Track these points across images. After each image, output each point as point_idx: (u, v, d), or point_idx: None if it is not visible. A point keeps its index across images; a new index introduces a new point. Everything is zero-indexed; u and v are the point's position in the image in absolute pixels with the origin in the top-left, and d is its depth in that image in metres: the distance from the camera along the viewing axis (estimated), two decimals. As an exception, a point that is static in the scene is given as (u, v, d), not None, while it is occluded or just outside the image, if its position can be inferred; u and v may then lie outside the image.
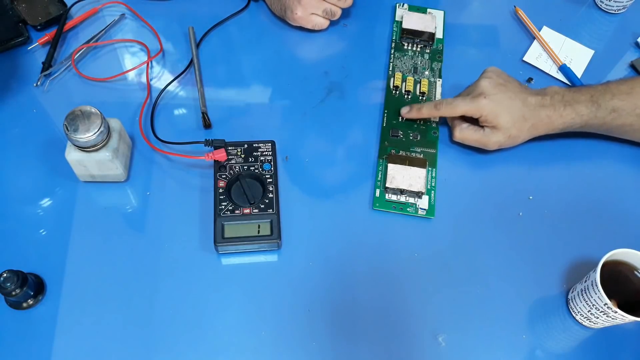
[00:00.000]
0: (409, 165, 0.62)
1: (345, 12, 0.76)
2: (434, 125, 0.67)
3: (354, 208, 0.62)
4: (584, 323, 0.56)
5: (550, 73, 0.73)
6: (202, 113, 0.66)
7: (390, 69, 0.72)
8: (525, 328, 0.57)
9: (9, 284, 0.51)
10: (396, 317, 0.57)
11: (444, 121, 0.68)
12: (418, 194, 0.62)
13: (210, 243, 0.57)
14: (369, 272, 0.59)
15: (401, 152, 0.65)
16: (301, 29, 0.73)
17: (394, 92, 0.70)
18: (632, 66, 0.74)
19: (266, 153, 0.62)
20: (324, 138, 0.67)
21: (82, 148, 0.56)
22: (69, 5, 0.73)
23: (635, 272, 0.54)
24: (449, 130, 0.67)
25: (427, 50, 0.74)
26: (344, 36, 0.75)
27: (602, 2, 0.79)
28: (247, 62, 0.73)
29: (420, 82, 0.70)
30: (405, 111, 0.66)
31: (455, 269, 0.59)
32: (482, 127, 0.62)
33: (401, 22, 0.74)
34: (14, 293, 0.52)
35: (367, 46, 0.75)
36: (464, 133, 0.63)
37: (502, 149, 0.64)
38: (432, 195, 0.63)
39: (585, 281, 0.54)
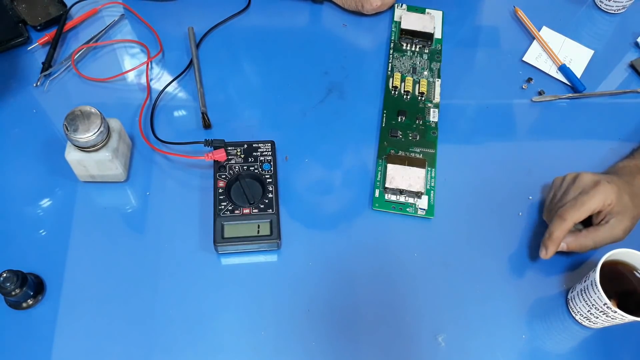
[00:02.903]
0: (408, 165, 0.62)
1: (345, 13, 0.76)
2: (433, 125, 0.67)
3: (353, 208, 0.62)
4: (583, 323, 0.56)
5: (549, 73, 0.73)
6: (202, 113, 0.66)
7: (389, 69, 0.72)
8: (525, 328, 0.57)
9: (8, 284, 0.51)
10: (396, 317, 0.57)
11: (444, 121, 0.68)
12: (417, 194, 0.62)
13: (210, 243, 0.57)
14: (368, 272, 0.59)
15: (400, 153, 0.65)
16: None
17: (393, 92, 0.70)
18: (632, 66, 0.74)
19: (266, 153, 0.62)
20: (324, 138, 0.67)
21: (82, 148, 0.56)
22: (69, 5, 0.74)
23: (635, 272, 0.54)
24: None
25: (426, 51, 0.74)
26: (343, 36, 0.75)
27: (602, 2, 0.79)
28: (247, 63, 0.73)
29: (419, 82, 0.70)
30: (544, 253, 0.57)
31: (455, 269, 0.59)
32: (600, 223, 0.56)
33: (400, 23, 0.74)
34: (13, 293, 0.52)
35: (366, 46, 0.75)
36: (595, 237, 0.56)
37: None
38: (432, 195, 0.63)
39: (585, 281, 0.54)
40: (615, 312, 0.50)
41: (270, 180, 0.60)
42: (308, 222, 0.61)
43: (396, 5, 0.77)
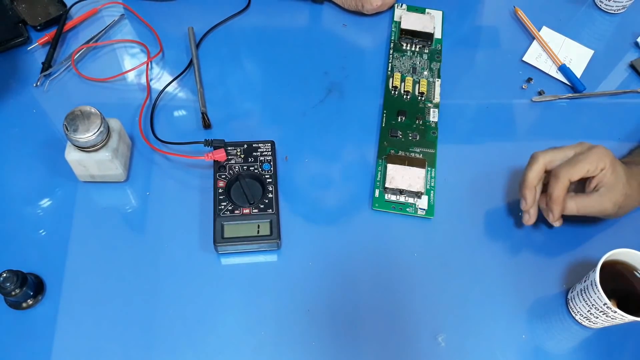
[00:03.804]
0: (408, 165, 0.62)
1: (345, 13, 0.76)
2: (433, 125, 0.67)
3: (353, 208, 0.62)
4: (583, 323, 0.56)
5: (549, 73, 0.73)
6: (202, 113, 0.66)
7: (389, 69, 0.72)
8: (525, 328, 0.57)
9: (8, 284, 0.51)
10: (396, 317, 0.57)
11: (444, 121, 0.68)
12: (417, 194, 0.62)
13: (210, 243, 0.57)
14: (368, 272, 0.59)
15: (400, 153, 0.65)
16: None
17: (393, 92, 0.70)
18: (632, 66, 0.74)
19: (266, 153, 0.62)
20: (324, 138, 0.67)
21: (82, 148, 0.56)
22: (68, 5, 0.74)
23: (635, 272, 0.54)
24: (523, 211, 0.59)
25: (426, 51, 0.74)
26: (343, 36, 0.75)
27: (602, 2, 0.79)
28: (247, 63, 0.73)
29: (419, 82, 0.70)
30: (551, 217, 0.56)
31: (455, 269, 0.59)
32: (593, 191, 0.56)
33: (400, 22, 0.74)
34: (13, 293, 0.52)
35: (366, 46, 0.75)
36: (580, 202, 0.55)
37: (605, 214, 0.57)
38: (432, 195, 0.63)
39: (585, 281, 0.54)
40: (615, 312, 0.50)
41: (270, 180, 0.60)
42: (308, 222, 0.61)
43: (396, 5, 0.77)
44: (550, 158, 0.57)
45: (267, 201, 0.59)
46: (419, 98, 0.70)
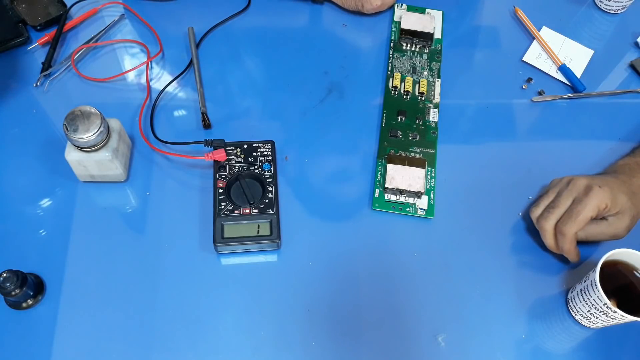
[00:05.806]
0: (408, 165, 0.62)
1: (345, 13, 0.76)
2: (433, 125, 0.67)
3: (353, 208, 0.62)
4: (583, 323, 0.56)
5: (549, 73, 0.73)
6: (202, 113, 0.66)
7: (389, 69, 0.72)
8: (525, 328, 0.57)
9: (8, 284, 0.51)
10: (396, 317, 0.57)
11: (444, 121, 0.68)
12: (417, 194, 0.62)
13: (210, 243, 0.57)
14: (368, 272, 0.59)
15: (400, 153, 0.65)
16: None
17: (393, 92, 0.70)
18: (632, 66, 0.74)
19: (266, 153, 0.62)
20: (324, 138, 0.67)
21: (82, 148, 0.56)
22: (68, 5, 0.74)
23: (635, 272, 0.54)
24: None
25: (426, 51, 0.74)
26: (343, 36, 0.75)
27: (602, 2, 0.79)
28: (247, 63, 0.73)
29: (419, 82, 0.70)
30: (572, 261, 0.58)
31: (455, 269, 0.59)
32: (601, 219, 0.57)
33: (400, 23, 0.74)
34: (13, 293, 0.52)
35: (366, 46, 0.75)
36: (589, 232, 0.57)
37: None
38: (432, 195, 0.63)
39: (585, 281, 0.54)
40: (615, 312, 0.50)
41: (270, 180, 0.60)
42: (308, 222, 0.61)
43: (396, 5, 0.77)
44: (555, 220, 0.57)
45: (267, 201, 0.59)
46: (419, 98, 0.70)
